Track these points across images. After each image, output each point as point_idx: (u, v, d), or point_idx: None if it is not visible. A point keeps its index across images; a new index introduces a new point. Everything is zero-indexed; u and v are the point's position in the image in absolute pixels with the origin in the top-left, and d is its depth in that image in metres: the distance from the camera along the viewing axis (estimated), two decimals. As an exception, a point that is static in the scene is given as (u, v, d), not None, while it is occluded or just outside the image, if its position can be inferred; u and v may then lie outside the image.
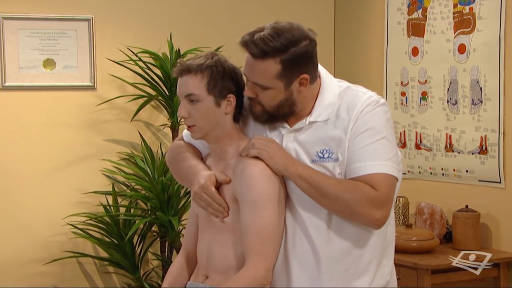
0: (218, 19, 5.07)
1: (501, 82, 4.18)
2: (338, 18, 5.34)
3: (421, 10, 4.63)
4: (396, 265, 2.59)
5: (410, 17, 4.70)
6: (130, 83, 4.81)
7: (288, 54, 2.29)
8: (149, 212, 4.72)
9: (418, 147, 4.67)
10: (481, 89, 4.28)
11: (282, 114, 2.38)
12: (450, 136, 4.46)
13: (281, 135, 2.41)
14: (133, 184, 4.79)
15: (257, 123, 2.43)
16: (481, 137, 4.29)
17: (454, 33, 4.42)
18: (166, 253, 4.76)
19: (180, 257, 2.62)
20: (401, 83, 4.78)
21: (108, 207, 4.71)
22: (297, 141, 2.40)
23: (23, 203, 4.69)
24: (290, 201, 2.40)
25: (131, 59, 4.72)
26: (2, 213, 4.66)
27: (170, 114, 4.73)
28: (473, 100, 4.33)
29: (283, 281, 2.40)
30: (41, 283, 4.73)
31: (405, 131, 4.74)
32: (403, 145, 4.74)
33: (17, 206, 4.69)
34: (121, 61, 4.73)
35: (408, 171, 4.71)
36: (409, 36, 4.71)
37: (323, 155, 2.36)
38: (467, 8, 4.34)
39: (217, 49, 4.54)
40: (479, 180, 4.33)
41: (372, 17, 5.03)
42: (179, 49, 4.72)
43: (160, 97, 4.77)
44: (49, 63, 4.74)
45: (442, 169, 4.54)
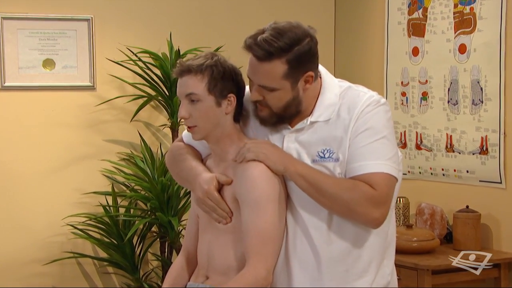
0: (218, 19, 5.07)
1: (501, 82, 4.18)
2: (338, 18, 5.33)
3: (421, 10, 4.62)
4: (397, 265, 2.59)
5: (411, 17, 4.70)
6: (129, 83, 4.80)
7: (292, 53, 2.28)
8: (149, 212, 4.71)
9: (418, 147, 4.66)
10: (481, 89, 4.28)
11: (289, 115, 2.37)
12: (451, 136, 4.46)
13: (282, 135, 2.41)
14: (132, 185, 4.79)
15: (265, 126, 2.41)
16: (482, 137, 4.28)
17: (455, 33, 4.42)
18: (166, 253, 4.76)
19: (180, 257, 2.62)
20: (402, 83, 4.77)
21: (107, 208, 4.71)
22: (298, 141, 2.39)
23: (23, 203, 4.69)
24: (291, 201, 2.39)
25: (131, 59, 4.71)
26: (2, 213, 4.66)
27: (170, 114, 4.72)
28: (473, 100, 4.32)
29: (283, 281, 2.39)
30: (41, 283, 4.72)
31: (405, 131, 4.74)
32: (403, 145, 4.73)
33: (16, 206, 4.68)
34: (121, 61, 4.72)
35: (409, 172, 4.70)
36: (409, 36, 4.71)
37: (324, 155, 2.36)
38: (467, 8, 4.33)
39: (217, 49, 4.53)
40: (479, 181, 4.32)
41: (372, 17, 5.03)
42: (179, 49, 4.71)
43: (160, 97, 4.76)
44: (48, 63, 4.73)
45: (443, 169, 4.53)
